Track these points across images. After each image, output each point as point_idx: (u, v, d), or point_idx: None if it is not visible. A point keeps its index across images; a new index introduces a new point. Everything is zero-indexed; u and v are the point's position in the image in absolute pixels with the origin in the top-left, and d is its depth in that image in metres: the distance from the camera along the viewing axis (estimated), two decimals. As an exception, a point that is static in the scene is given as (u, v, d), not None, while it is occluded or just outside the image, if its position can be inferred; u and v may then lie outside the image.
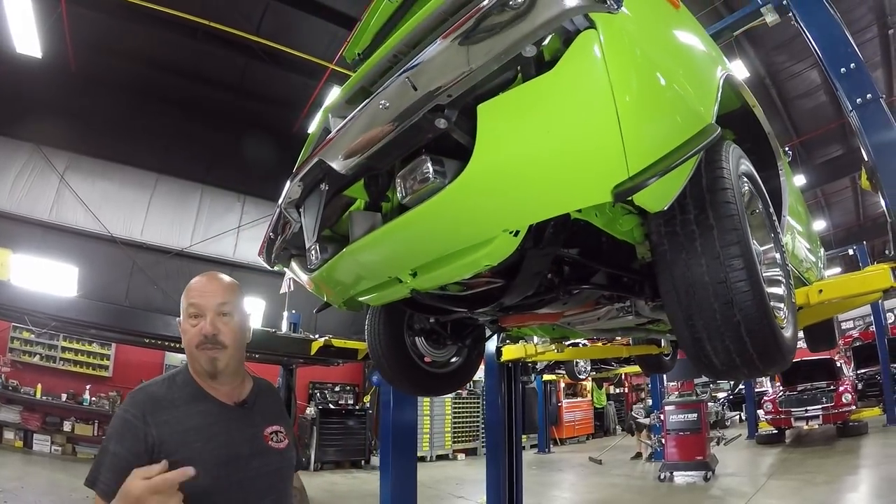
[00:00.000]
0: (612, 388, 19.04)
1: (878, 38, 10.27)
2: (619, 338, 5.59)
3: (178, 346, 7.28)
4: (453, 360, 2.99)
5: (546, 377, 12.88)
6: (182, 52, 10.67)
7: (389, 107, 1.22)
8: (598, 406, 17.55)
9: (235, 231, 13.39)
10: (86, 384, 10.14)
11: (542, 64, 1.16)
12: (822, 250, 4.28)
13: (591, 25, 1.08)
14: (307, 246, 1.80)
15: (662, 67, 1.28)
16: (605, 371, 11.98)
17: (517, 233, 1.34)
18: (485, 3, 1.08)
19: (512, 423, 5.29)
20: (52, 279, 9.37)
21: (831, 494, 6.24)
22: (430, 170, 1.27)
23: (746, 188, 1.72)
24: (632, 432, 12.24)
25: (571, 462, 11.94)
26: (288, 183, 1.85)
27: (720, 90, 1.59)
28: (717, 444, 9.59)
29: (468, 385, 11.34)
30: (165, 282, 11.90)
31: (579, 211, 1.49)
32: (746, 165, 1.75)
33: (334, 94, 9.86)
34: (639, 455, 11.45)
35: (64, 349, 10.15)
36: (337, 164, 1.47)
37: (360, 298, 2.11)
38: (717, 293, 1.34)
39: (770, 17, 4.03)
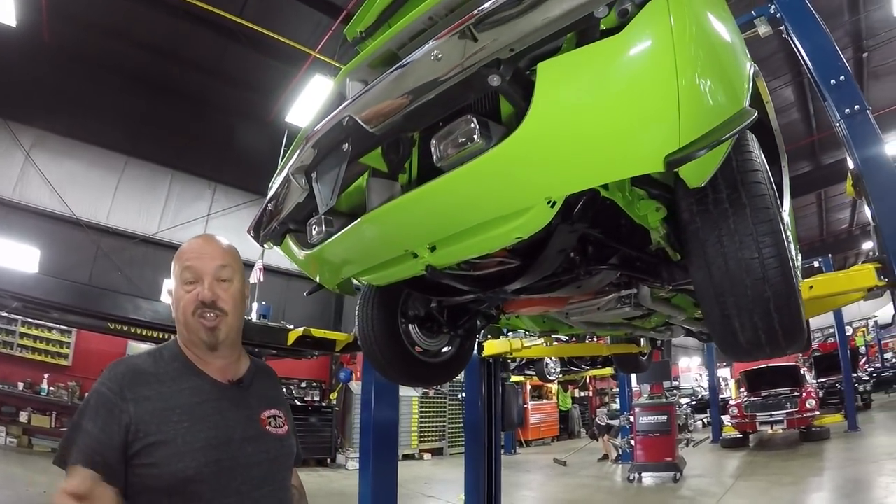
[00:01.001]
0: (576, 391, 19.31)
1: (853, 60, 10.59)
2: (598, 336, 5.65)
3: (143, 333, 6.99)
4: (445, 349, 2.93)
5: (514, 378, 12.92)
6: (161, 31, 10.31)
7: (443, 59, 1.17)
8: (562, 409, 17.83)
9: (205, 219, 13.06)
10: (44, 373, 9.70)
11: (599, 32, 1.15)
12: (800, 256, 4.39)
13: None
14: (321, 212, 1.71)
15: (715, 45, 1.30)
16: (574, 373, 12.11)
17: (554, 203, 1.31)
18: None
19: (491, 420, 5.26)
20: (12, 260, 8.92)
21: (798, 494, 6.42)
22: (477, 130, 1.22)
23: None
24: (595, 438, 12.40)
25: (538, 463, 12.03)
26: (300, 147, 1.75)
27: (751, 80, 1.61)
28: (686, 445, 9.80)
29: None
30: (130, 268, 11.58)
31: (606, 188, 1.49)
32: (762, 156, 1.78)
33: (317, 81, 9.70)
34: (605, 457, 11.62)
35: (22, 335, 9.70)
36: (367, 122, 1.38)
37: (364, 278, 2.02)
38: (749, 269, 1.36)
39: (763, 29, 4.11)
